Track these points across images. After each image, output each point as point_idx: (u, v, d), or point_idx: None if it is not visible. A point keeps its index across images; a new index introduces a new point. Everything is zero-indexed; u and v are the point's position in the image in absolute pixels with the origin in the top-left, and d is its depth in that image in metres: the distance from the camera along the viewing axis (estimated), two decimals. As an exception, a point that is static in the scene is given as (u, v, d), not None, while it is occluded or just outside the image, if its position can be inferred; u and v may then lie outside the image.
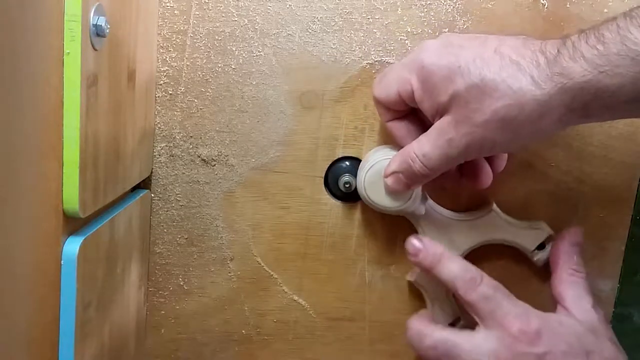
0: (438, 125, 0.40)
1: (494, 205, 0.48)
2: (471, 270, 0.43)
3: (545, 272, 0.49)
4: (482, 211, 0.48)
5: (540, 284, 0.51)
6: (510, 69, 0.37)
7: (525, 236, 0.48)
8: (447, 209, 0.49)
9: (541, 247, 0.49)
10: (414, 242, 0.45)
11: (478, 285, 0.42)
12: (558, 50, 0.36)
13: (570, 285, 0.46)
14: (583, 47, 0.35)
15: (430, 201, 0.48)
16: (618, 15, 0.35)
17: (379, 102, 0.45)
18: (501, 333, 0.41)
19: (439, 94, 0.39)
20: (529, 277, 0.51)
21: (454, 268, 0.43)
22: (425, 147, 0.41)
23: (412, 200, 0.45)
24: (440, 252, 0.44)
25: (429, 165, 0.41)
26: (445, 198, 0.49)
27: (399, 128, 0.45)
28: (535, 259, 0.49)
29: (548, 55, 0.36)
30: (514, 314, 0.41)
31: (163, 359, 0.52)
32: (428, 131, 0.41)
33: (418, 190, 0.46)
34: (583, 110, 0.36)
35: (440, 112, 0.40)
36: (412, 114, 0.44)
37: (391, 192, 0.45)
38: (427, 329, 0.44)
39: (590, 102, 0.35)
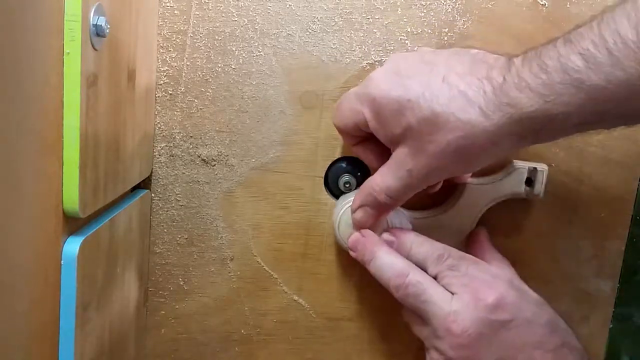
0: (396, 156, 0.41)
1: (468, 179, 0.48)
2: (438, 248, 0.44)
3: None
4: (459, 191, 0.48)
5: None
6: (459, 101, 0.37)
7: (509, 183, 0.47)
8: (427, 208, 0.49)
9: (529, 182, 0.48)
10: (386, 236, 0.46)
11: (445, 259, 0.43)
12: (504, 78, 0.36)
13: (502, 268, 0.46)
14: (527, 76, 0.35)
15: (410, 213, 0.48)
16: (558, 40, 0.35)
17: (339, 130, 0.46)
18: (466, 298, 0.41)
19: (392, 126, 0.40)
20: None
21: (423, 250, 0.44)
22: (387, 180, 0.42)
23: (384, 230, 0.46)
24: (411, 238, 0.45)
25: (393, 195, 0.42)
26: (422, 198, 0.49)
27: (364, 151, 0.46)
28: (535, 194, 0.47)
29: (494, 83, 0.36)
30: (481, 280, 0.42)
31: (163, 359, 0.52)
32: (388, 162, 0.42)
33: (389, 219, 0.46)
34: (534, 137, 0.37)
35: (395, 142, 0.41)
36: (375, 137, 0.45)
37: (361, 226, 0.46)
38: (411, 268, 0.43)
39: (540, 130, 0.36)
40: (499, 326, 0.40)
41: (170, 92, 0.49)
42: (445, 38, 0.48)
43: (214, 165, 0.50)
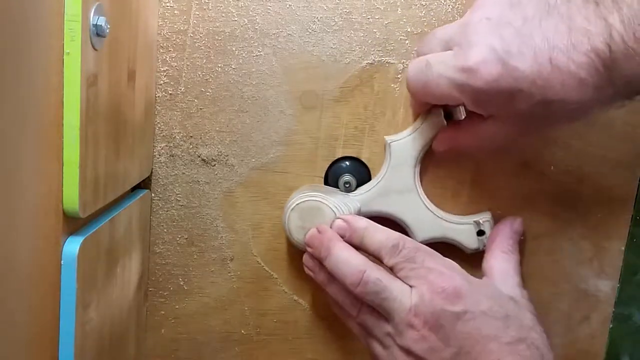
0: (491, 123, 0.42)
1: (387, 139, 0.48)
2: (394, 237, 0.43)
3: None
4: (387, 153, 0.48)
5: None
6: (572, 83, 0.36)
7: (427, 133, 0.47)
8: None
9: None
10: (338, 222, 0.45)
11: (400, 250, 0.42)
12: (610, 48, 0.35)
13: (501, 260, 0.46)
14: (633, 44, 0.34)
15: (354, 192, 0.49)
16: None
17: (416, 101, 0.46)
18: (424, 290, 0.41)
19: (498, 109, 0.40)
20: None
21: (377, 238, 0.43)
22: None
23: None
24: (364, 225, 0.44)
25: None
26: (446, 199, 0.49)
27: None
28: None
29: (602, 56, 0.35)
30: (437, 272, 0.41)
31: (163, 359, 0.52)
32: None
33: (337, 204, 0.46)
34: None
35: (494, 116, 0.41)
36: None
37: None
38: (368, 265, 0.43)
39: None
40: (455, 318, 0.40)
41: (170, 92, 0.49)
42: (445, 38, 0.48)
43: (214, 165, 0.50)
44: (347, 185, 0.49)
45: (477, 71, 0.38)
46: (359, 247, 0.44)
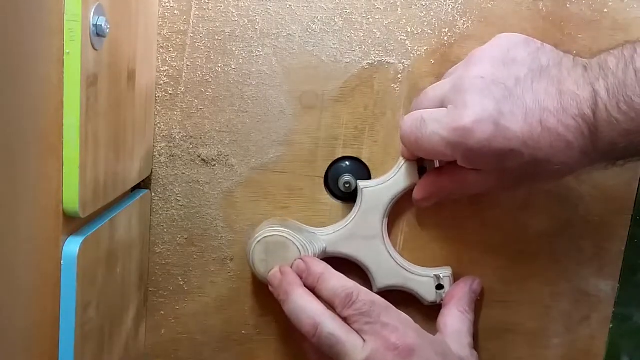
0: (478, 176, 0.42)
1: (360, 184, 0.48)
2: (348, 287, 0.43)
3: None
4: (359, 198, 0.48)
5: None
6: (559, 145, 0.37)
7: (404, 182, 0.48)
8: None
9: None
10: (298, 263, 0.46)
11: (354, 302, 0.42)
12: (594, 115, 0.36)
13: (457, 319, 0.47)
14: (618, 115, 0.35)
15: (321, 230, 0.49)
16: (629, 66, 0.35)
17: (409, 153, 0.47)
18: (378, 345, 0.41)
19: (486, 166, 0.40)
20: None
21: (332, 285, 0.43)
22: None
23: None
24: (320, 271, 0.44)
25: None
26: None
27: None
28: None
29: (588, 120, 0.36)
30: (392, 328, 0.41)
31: (163, 359, 0.52)
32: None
33: (303, 242, 0.46)
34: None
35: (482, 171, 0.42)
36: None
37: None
38: (324, 317, 0.42)
39: (625, 155, 0.38)
40: None
41: (170, 92, 0.49)
42: (445, 38, 0.48)
43: (214, 165, 0.50)
44: (347, 185, 0.49)
45: (470, 131, 0.38)
46: (312, 290, 0.44)
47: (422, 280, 0.49)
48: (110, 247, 0.41)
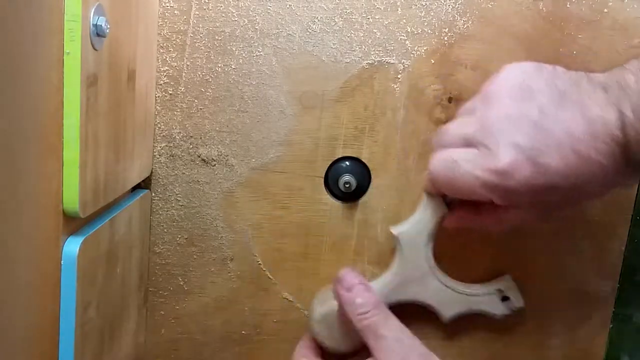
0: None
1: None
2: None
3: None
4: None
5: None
6: (595, 170, 0.37)
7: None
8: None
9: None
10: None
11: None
12: (624, 135, 0.36)
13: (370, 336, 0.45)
14: None
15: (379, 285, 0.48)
16: None
17: (437, 192, 0.46)
18: None
19: (526, 204, 0.41)
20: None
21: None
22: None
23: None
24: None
25: None
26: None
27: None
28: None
29: (620, 141, 0.36)
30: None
31: (163, 359, 0.52)
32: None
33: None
34: None
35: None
36: None
37: None
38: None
39: None
40: None
41: (170, 92, 0.49)
42: (445, 38, 0.48)
43: (214, 165, 0.50)
44: (347, 186, 0.49)
45: (509, 173, 0.38)
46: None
47: (486, 299, 0.48)
48: (110, 247, 0.41)
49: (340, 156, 0.50)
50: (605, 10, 0.48)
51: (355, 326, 0.44)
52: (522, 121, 0.38)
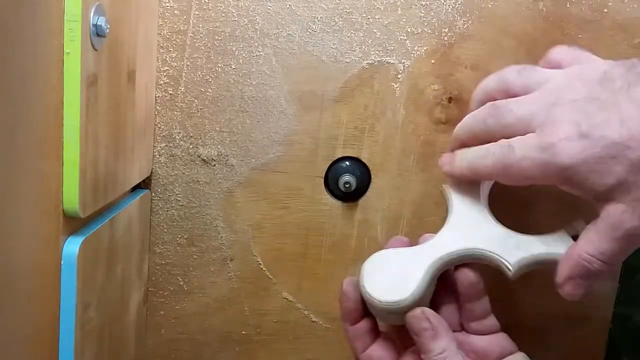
0: (608, 216, 0.38)
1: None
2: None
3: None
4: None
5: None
6: None
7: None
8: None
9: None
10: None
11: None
12: None
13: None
14: None
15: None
16: None
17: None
18: None
19: (595, 185, 0.37)
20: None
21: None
22: (600, 244, 0.39)
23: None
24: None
25: (609, 261, 0.39)
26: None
27: None
28: None
29: None
30: None
31: (163, 359, 0.52)
32: (597, 224, 0.39)
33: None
34: None
35: (603, 199, 0.38)
36: None
37: (572, 298, 0.42)
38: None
39: None
40: None
41: (170, 92, 0.49)
42: (445, 38, 0.48)
43: (214, 165, 0.50)
44: (347, 185, 0.49)
45: (559, 147, 0.37)
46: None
47: (556, 239, 0.44)
48: (110, 247, 0.41)
49: (340, 156, 0.50)
50: (605, 10, 0.48)
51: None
52: (589, 102, 0.37)
